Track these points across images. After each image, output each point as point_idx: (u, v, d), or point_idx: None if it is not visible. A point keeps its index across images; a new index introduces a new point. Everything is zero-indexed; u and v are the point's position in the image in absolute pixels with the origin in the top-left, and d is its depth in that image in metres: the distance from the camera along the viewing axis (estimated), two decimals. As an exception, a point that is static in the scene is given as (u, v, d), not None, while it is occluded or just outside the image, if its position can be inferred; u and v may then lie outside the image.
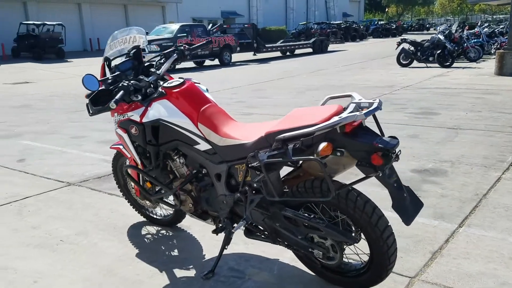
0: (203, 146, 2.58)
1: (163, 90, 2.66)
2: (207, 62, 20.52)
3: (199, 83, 2.96)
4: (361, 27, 40.81)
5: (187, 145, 2.64)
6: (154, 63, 2.96)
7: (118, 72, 2.78)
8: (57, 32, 23.75)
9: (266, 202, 2.42)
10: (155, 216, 3.44)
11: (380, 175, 2.09)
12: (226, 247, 2.71)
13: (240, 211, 2.59)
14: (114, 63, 2.89)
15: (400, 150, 2.20)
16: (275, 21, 44.77)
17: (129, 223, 3.49)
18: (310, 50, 26.02)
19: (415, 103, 8.33)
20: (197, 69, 18.41)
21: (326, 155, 2.10)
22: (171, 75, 2.94)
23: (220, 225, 2.70)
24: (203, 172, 2.71)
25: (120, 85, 2.59)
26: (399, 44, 15.52)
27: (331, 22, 40.42)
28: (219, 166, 2.57)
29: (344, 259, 2.51)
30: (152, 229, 3.39)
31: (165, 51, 2.93)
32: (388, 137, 2.15)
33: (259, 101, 9.64)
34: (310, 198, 2.27)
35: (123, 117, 2.78)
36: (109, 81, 2.75)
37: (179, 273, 2.78)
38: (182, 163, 2.80)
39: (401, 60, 15.37)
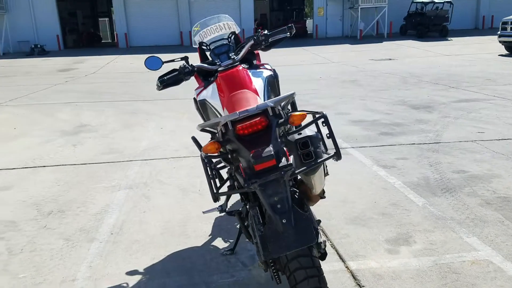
0: None
1: (217, 74, 2.86)
2: None
3: (269, 69, 2.94)
4: None
5: None
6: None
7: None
8: (444, 10, 23.55)
9: None
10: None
11: (246, 189, 1.74)
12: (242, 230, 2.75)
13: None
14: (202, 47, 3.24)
15: (292, 167, 1.73)
16: None
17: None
18: None
19: None
20: None
21: (213, 154, 1.93)
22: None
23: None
24: None
25: (178, 66, 2.97)
26: None
27: None
28: None
29: None
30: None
31: (247, 37, 3.05)
32: (276, 148, 1.74)
33: None
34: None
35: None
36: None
37: (217, 242, 3.01)
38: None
39: None
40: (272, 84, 2.88)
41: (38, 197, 3.90)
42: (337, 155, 1.94)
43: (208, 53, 3.23)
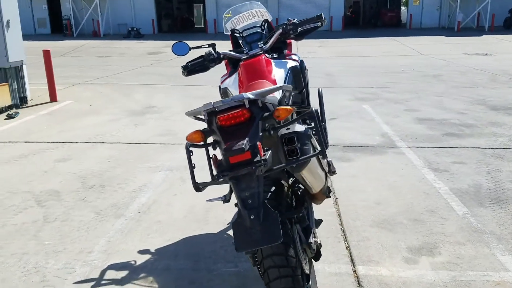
0: None
1: (240, 62, 2.83)
2: None
3: (295, 60, 2.86)
4: None
5: None
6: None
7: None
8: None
9: None
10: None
11: (218, 181, 1.73)
12: None
13: None
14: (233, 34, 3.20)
15: (265, 161, 1.66)
16: None
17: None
18: None
19: None
20: None
21: (196, 143, 1.94)
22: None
23: None
24: None
25: (204, 53, 2.97)
26: None
27: None
28: None
29: None
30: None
31: (276, 26, 2.97)
32: (251, 144, 1.70)
33: None
34: None
35: (221, 81, 3.15)
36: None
37: (233, 231, 3.02)
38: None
39: None
40: (297, 75, 2.79)
41: (87, 171, 4.19)
42: (322, 154, 1.84)
43: (240, 41, 3.22)
